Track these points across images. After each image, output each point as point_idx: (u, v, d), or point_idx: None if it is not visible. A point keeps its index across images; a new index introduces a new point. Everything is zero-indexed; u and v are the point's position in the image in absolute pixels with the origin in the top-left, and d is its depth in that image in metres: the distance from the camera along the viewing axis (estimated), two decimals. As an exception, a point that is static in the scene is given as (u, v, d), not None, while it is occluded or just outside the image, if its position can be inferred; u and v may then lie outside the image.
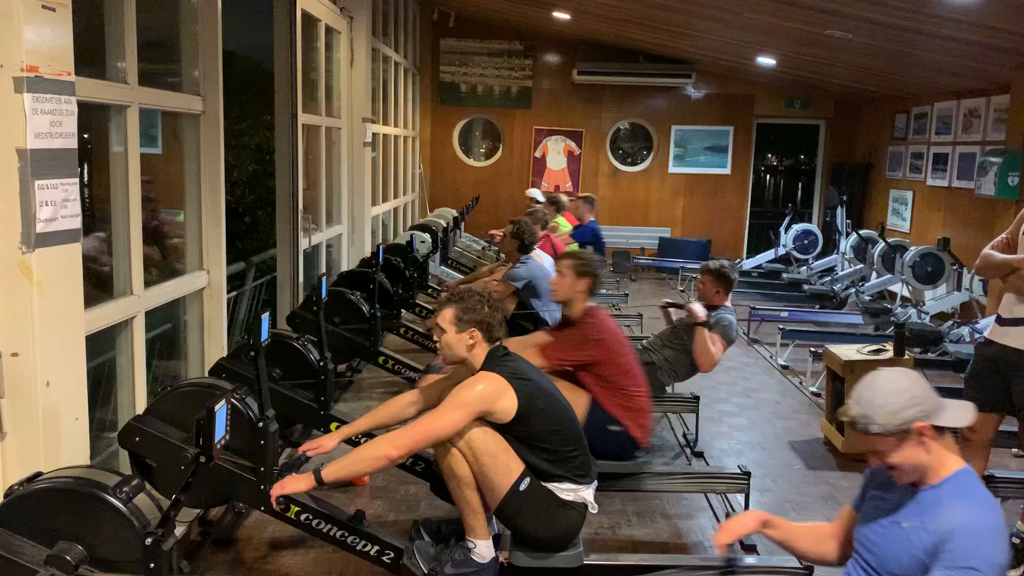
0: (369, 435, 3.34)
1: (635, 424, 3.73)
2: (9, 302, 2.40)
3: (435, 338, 3.01)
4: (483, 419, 2.78)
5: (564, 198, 8.87)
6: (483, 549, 2.83)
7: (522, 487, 2.77)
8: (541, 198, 9.16)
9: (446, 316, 2.91)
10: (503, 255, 7.47)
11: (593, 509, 2.93)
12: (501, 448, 2.77)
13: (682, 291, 9.87)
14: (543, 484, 2.82)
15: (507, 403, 2.77)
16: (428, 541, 2.96)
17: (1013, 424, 3.59)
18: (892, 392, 2.03)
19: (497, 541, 2.95)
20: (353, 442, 3.34)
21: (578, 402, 3.62)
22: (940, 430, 2.03)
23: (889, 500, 2.13)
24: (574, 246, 7.99)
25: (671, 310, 4.87)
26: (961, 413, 2.07)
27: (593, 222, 8.23)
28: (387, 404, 3.25)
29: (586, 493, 2.90)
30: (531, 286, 5.41)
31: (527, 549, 2.86)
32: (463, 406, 2.75)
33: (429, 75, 11.53)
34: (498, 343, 2.95)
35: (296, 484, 2.73)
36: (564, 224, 8.23)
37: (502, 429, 2.79)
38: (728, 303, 4.54)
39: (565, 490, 2.85)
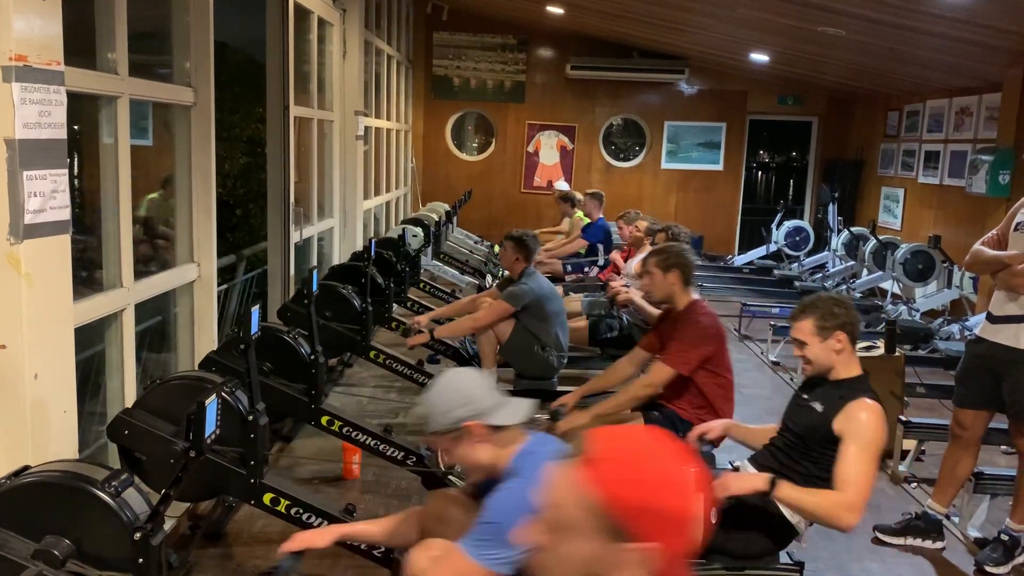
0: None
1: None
2: (-3, 294, 2.37)
3: (797, 352, 2.86)
4: None
5: (578, 194, 8.90)
6: None
7: None
8: (566, 187, 9.24)
9: (805, 328, 2.77)
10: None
11: None
12: None
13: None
14: None
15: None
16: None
17: (1003, 421, 3.60)
18: (448, 391, 2.10)
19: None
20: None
21: None
22: (497, 428, 2.08)
23: None
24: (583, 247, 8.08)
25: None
26: (515, 411, 2.11)
27: (602, 219, 8.24)
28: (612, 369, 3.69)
29: None
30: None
31: None
32: (876, 453, 2.59)
33: (422, 68, 11.49)
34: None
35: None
36: (585, 219, 8.30)
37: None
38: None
39: None
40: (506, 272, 7.67)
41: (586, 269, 7.45)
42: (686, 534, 1.08)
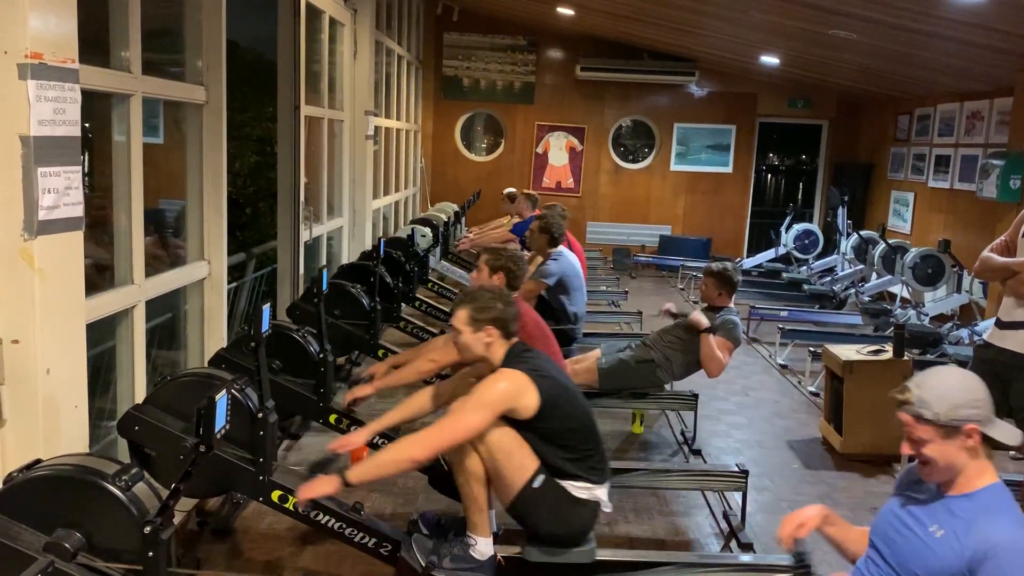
0: (389, 435, 3.43)
1: None
2: (10, 289, 2.40)
3: (453, 341, 3.00)
4: (502, 416, 2.77)
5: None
6: (483, 546, 2.83)
7: (536, 484, 2.77)
8: (512, 189, 9.35)
9: (460, 317, 2.90)
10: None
11: (607, 508, 2.93)
12: (516, 445, 2.77)
13: (682, 289, 9.87)
14: (557, 481, 2.81)
15: (529, 400, 2.76)
16: (426, 534, 2.96)
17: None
18: (958, 387, 2.00)
19: (495, 539, 2.95)
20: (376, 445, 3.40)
21: None
22: (985, 441, 2.00)
23: (916, 500, 2.09)
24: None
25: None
26: (1012, 433, 2.03)
27: (532, 217, 8.19)
28: (412, 399, 3.27)
29: (600, 492, 2.89)
30: (561, 282, 5.37)
31: (541, 545, 2.85)
32: (486, 406, 2.73)
33: (432, 69, 11.51)
34: (516, 339, 2.94)
35: (323, 487, 2.69)
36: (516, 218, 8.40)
37: (519, 426, 2.78)
38: (731, 304, 4.55)
39: (579, 488, 2.83)
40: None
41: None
42: None
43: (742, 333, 4.62)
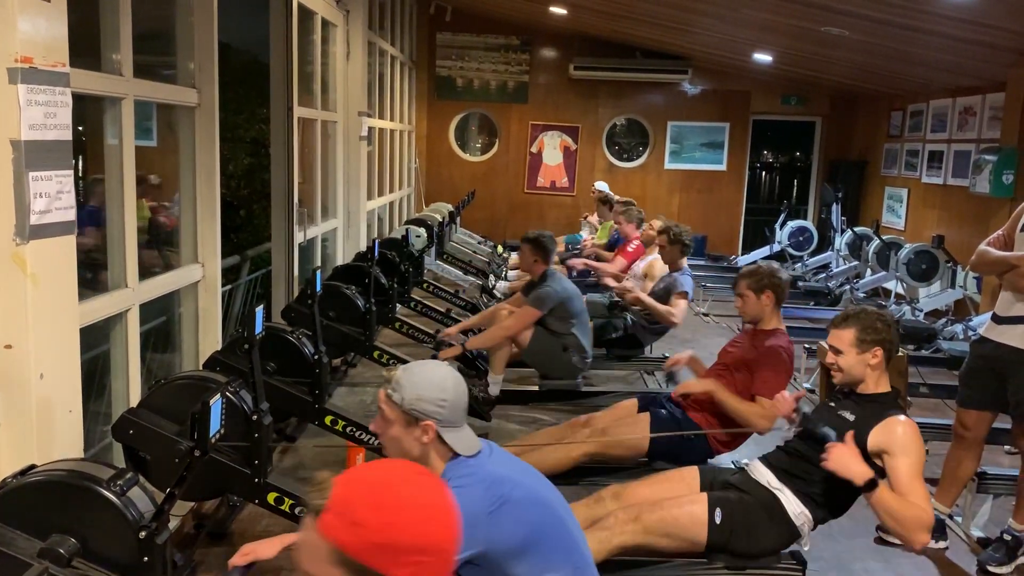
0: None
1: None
2: (3, 294, 2.39)
3: (830, 359, 2.86)
4: None
5: (616, 197, 8.82)
6: None
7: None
8: (605, 188, 9.22)
9: (845, 338, 2.80)
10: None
11: None
12: None
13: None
14: None
15: None
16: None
17: (1006, 421, 3.60)
18: (431, 380, 2.02)
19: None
20: None
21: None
22: (442, 442, 2.01)
23: None
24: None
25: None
26: (468, 442, 2.04)
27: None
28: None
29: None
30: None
31: None
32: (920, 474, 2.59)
33: (425, 69, 11.50)
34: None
35: None
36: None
37: None
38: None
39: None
40: (510, 273, 7.69)
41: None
42: (437, 562, 1.13)
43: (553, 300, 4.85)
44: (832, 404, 2.89)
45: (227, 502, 3.46)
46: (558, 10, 9.42)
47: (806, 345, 5.98)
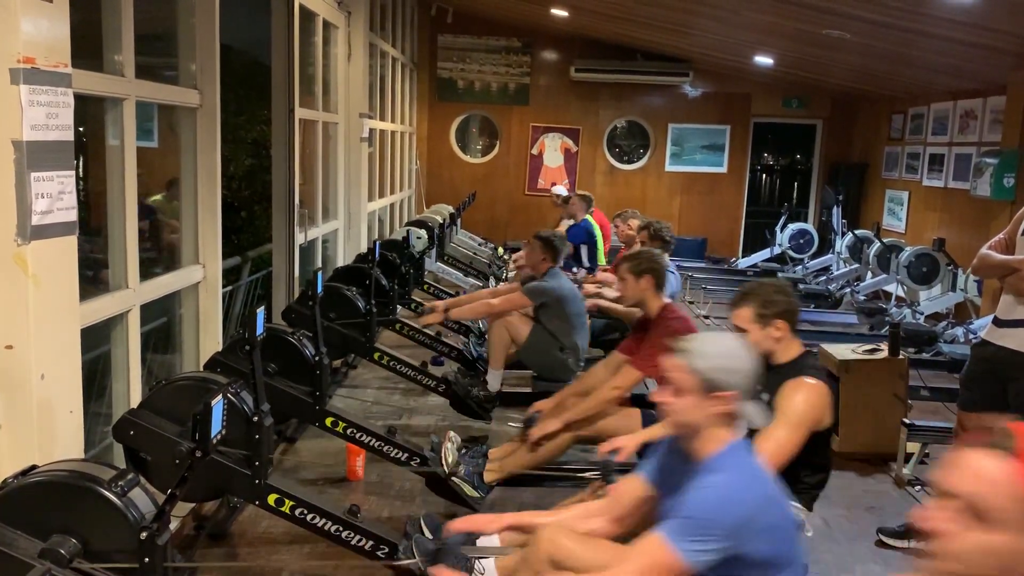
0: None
1: None
2: (4, 294, 2.39)
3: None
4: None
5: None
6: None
7: None
8: (563, 191, 9.27)
9: (745, 316, 2.80)
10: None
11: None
12: None
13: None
14: None
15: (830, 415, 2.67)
16: (428, 536, 2.94)
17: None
18: (732, 354, 2.07)
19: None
20: None
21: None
22: (732, 417, 2.06)
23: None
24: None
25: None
26: (758, 413, 2.13)
27: (586, 220, 8.18)
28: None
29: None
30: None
31: None
32: (799, 426, 2.58)
33: (427, 71, 11.51)
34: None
35: None
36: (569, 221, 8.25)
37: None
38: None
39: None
40: (510, 274, 7.67)
41: (574, 270, 7.41)
42: None
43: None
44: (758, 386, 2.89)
45: (227, 503, 3.46)
46: (559, 12, 9.43)
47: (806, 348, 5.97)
